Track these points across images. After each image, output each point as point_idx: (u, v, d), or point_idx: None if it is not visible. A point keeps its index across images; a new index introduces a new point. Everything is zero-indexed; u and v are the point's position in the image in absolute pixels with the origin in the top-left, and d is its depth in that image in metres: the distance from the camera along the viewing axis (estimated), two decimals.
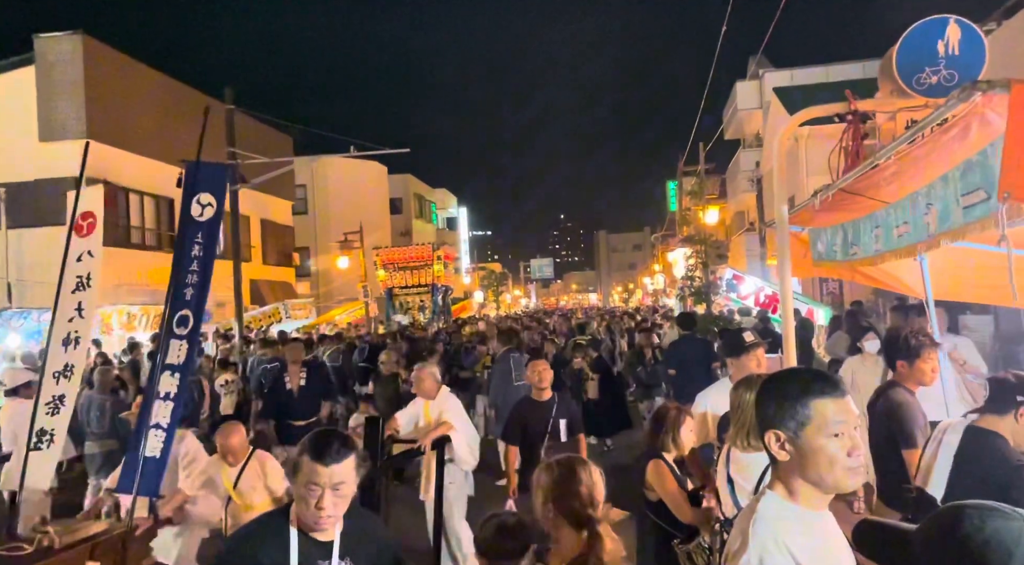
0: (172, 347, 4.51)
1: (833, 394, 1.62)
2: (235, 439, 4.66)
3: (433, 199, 49.22)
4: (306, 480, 2.18)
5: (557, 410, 5.36)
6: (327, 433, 2.34)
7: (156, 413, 4.41)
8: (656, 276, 50.52)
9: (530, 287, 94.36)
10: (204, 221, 4.83)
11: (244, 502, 4.56)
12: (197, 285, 4.64)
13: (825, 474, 1.59)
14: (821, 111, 4.07)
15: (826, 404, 1.61)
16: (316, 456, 2.19)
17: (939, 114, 2.39)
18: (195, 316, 4.58)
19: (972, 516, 1.05)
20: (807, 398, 1.62)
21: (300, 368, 7.89)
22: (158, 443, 4.36)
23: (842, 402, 1.62)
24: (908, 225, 3.09)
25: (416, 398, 5.88)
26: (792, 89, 21.92)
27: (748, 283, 14.95)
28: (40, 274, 16.25)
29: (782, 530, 1.60)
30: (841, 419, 1.60)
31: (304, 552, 2.22)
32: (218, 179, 5.14)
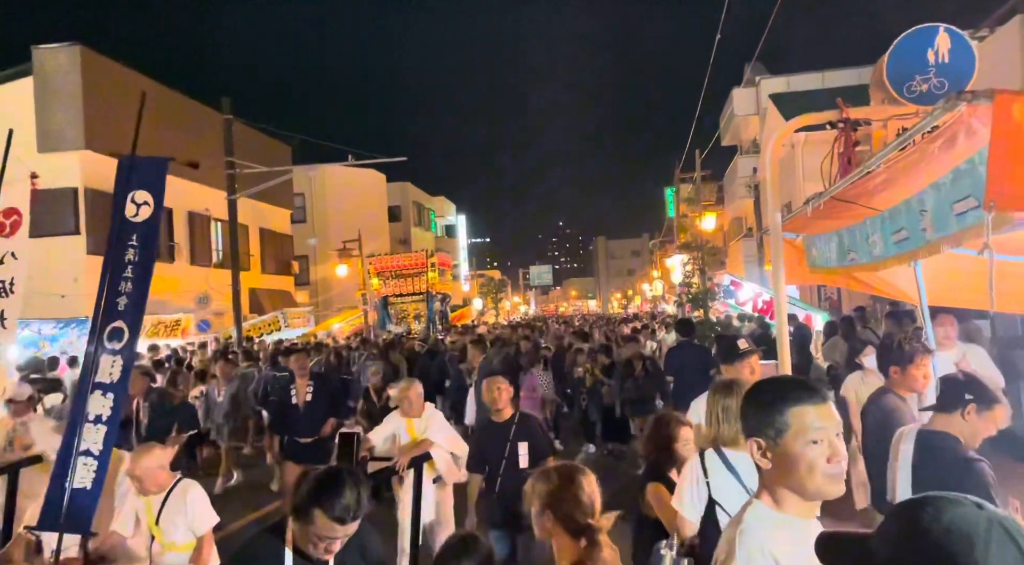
0: (103, 364, 4.00)
1: (811, 401, 1.63)
2: (146, 463, 3.89)
3: (432, 207, 49.30)
4: (319, 533, 2.16)
5: (516, 432, 4.74)
6: (341, 486, 2.20)
7: (86, 438, 3.90)
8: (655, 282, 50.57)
9: (529, 294, 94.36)
10: (140, 222, 4.31)
11: (165, 541, 3.90)
12: (133, 294, 4.13)
13: (805, 481, 1.59)
14: (814, 119, 4.10)
15: (804, 411, 1.61)
16: (335, 517, 2.13)
17: (926, 124, 2.42)
18: (130, 329, 4.08)
19: (927, 508, 1.06)
20: (785, 405, 1.63)
21: (307, 381, 7.43)
22: (88, 473, 3.86)
23: (821, 408, 1.62)
24: (906, 231, 3.11)
25: (393, 414, 5.59)
26: (788, 95, 22.00)
27: (746, 289, 14.99)
28: (39, 284, 16.26)
29: (768, 539, 1.60)
30: (820, 425, 1.60)
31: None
32: (156, 175, 4.63)
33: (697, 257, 19.12)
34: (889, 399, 3.64)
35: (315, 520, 2.14)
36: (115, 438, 4.04)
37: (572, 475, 2.50)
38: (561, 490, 2.45)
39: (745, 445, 1.73)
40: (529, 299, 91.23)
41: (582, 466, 2.61)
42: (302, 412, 7.28)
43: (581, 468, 2.58)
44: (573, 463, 2.68)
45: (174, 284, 20.14)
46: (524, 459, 4.63)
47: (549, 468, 2.61)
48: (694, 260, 19.39)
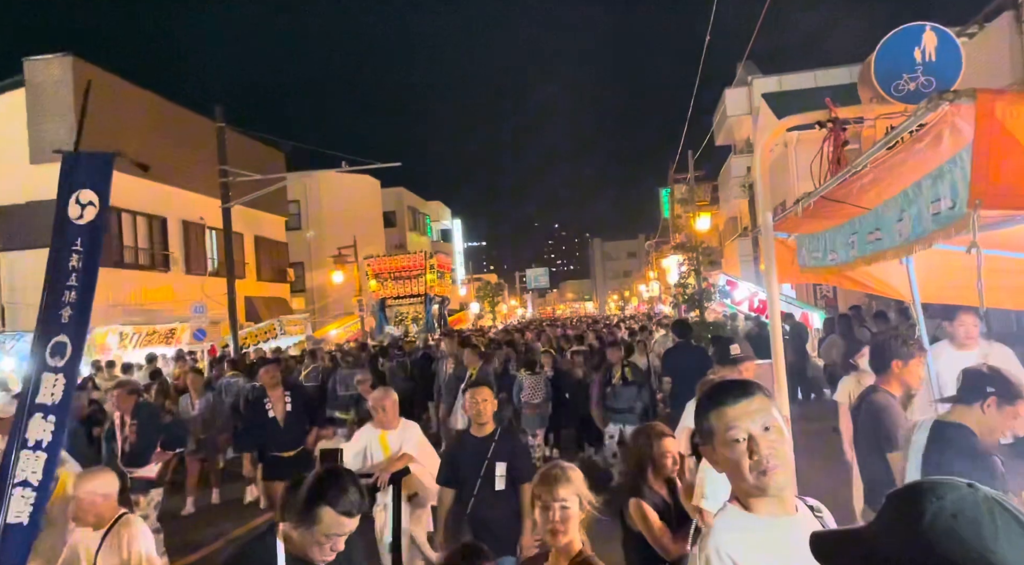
0: (45, 383, 3.56)
1: (729, 400, 1.62)
2: (88, 487, 3.42)
3: (427, 211, 49.31)
4: (328, 531, 2.19)
5: (495, 450, 4.28)
6: (345, 481, 2.28)
7: (23, 467, 3.43)
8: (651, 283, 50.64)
9: (526, 297, 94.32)
10: (84, 224, 3.89)
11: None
12: (77, 305, 3.71)
13: (739, 480, 1.61)
14: (803, 119, 4.11)
15: (722, 412, 1.61)
16: (344, 510, 2.19)
17: (910, 123, 2.43)
18: (74, 344, 3.64)
19: (927, 496, 1.02)
20: (708, 411, 1.65)
21: (284, 392, 6.95)
22: (26, 506, 3.39)
23: (741, 405, 1.61)
24: (880, 231, 3.12)
25: (365, 427, 5.25)
26: (780, 94, 22.03)
27: (742, 289, 15.01)
28: (33, 297, 16.20)
29: (726, 541, 1.60)
30: (735, 424, 1.60)
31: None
32: (101, 173, 4.15)
33: (692, 258, 19.17)
34: (881, 396, 3.63)
35: (322, 518, 2.17)
36: (56, 465, 3.59)
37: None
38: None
39: None
40: (526, 302, 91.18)
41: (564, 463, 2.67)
42: (282, 426, 6.79)
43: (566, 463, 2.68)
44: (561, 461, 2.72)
45: (170, 293, 20.11)
46: (501, 480, 4.21)
47: (547, 466, 2.66)
48: (689, 261, 19.44)
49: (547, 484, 2.57)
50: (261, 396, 7.06)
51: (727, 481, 2.92)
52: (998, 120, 1.90)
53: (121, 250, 19.14)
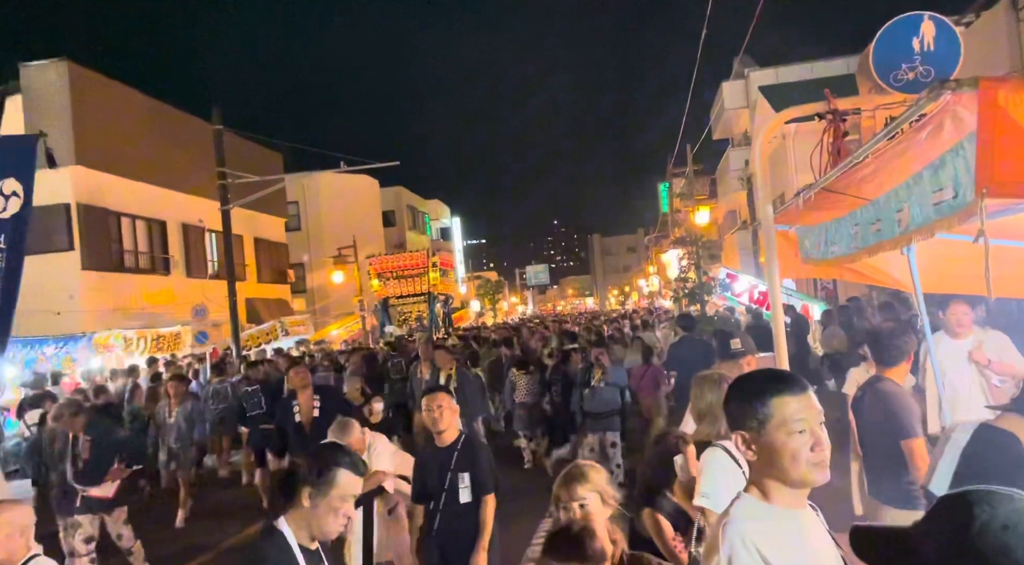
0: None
1: (792, 391, 1.65)
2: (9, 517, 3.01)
3: (426, 210, 49.30)
4: (343, 492, 2.32)
5: (457, 460, 4.06)
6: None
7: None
8: (651, 278, 50.63)
9: (527, 294, 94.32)
10: (8, 218, 3.33)
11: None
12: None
13: (790, 470, 1.61)
14: (801, 111, 4.11)
15: (786, 401, 1.63)
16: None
17: (911, 113, 2.43)
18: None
19: (980, 504, 1.01)
20: (766, 397, 1.65)
21: (311, 395, 6.62)
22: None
23: (803, 398, 1.64)
24: (881, 222, 3.12)
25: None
26: (778, 87, 22.04)
27: (742, 281, 15.00)
28: (32, 302, 16.20)
29: (751, 530, 1.62)
30: (802, 415, 1.62)
31: (309, 562, 2.33)
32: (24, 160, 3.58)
33: (692, 252, 19.16)
34: (888, 384, 3.59)
35: (338, 480, 2.30)
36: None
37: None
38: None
39: None
40: (527, 299, 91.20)
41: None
42: (308, 431, 6.38)
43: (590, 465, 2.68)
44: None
45: (170, 296, 20.10)
46: (466, 492, 3.98)
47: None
48: (689, 255, 19.44)
49: (564, 484, 2.61)
50: (291, 398, 6.80)
51: (726, 479, 2.93)
52: (1001, 108, 1.90)
53: (121, 254, 19.12)
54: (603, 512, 2.56)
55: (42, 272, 16.85)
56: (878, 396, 3.58)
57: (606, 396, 7.99)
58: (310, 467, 2.36)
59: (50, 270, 17.01)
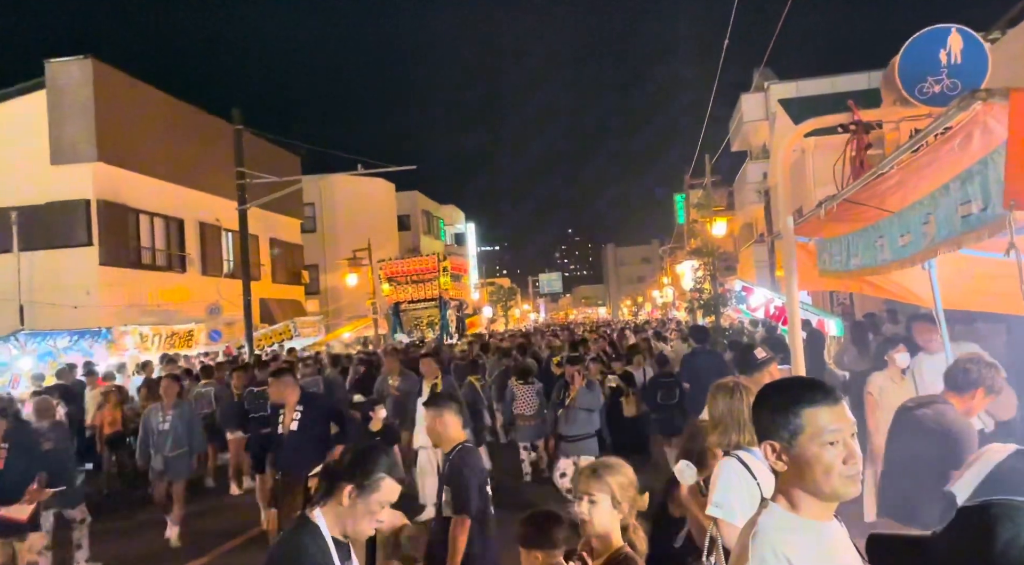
0: None
1: (826, 402, 1.62)
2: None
3: (441, 215, 49.41)
4: (383, 498, 2.37)
5: (444, 474, 3.97)
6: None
7: None
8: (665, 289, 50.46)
9: (539, 302, 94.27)
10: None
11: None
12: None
13: (822, 483, 1.58)
14: (824, 122, 4.07)
15: (819, 413, 1.60)
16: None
17: (940, 123, 2.39)
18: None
19: (1003, 521, 1.00)
20: (799, 407, 1.61)
21: (294, 406, 6.05)
22: None
23: (836, 410, 1.61)
24: (910, 234, 3.07)
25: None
26: (797, 100, 21.92)
27: (758, 295, 14.87)
28: (50, 296, 16.38)
29: (781, 541, 1.59)
30: (835, 427, 1.59)
31: (339, 555, 2.36)
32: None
33: (708, 263, 19.06)
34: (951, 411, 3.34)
35: (383, 487, 2.35)
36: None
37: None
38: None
39: None
40: (539, 307, 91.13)
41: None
42: (284, 444, 5.97)
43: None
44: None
45: (185, 294, 20.24)
46: (447, 507, 3.81)
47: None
48: (705, 266, 19.33)
49: (581, 475, 2.67)
50: (281, 406, 6.29)
51: (740, 489, 2.89)
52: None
53: (138, 251, 19.29)
54: (612, 513, 2.55)
55: (61, 266, 17.07)
56: (943, 421, 3.35)
57: (581, 417, 7.43)
58: (357, 466, 2.39)
59: (68, 264, 17.21)
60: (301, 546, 2.31)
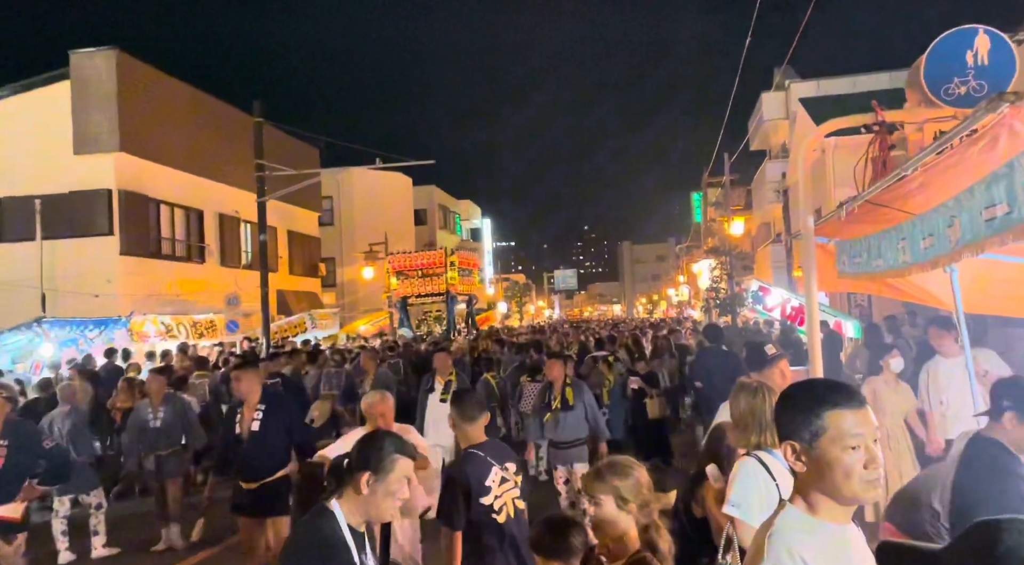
0: None
1: (849, 406, 1.61)
2: None
3: (457, 210, 49.48)
4: (401, 474, 2.42)
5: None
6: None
7: None
8: (681, 287, 50.27)
9: (554, 298, 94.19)
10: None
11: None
12: None
13: (842, 486, 1.58)
14: (847, 122, 4.04)
15: (842, 416, 1.59)
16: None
17: (966, 125, 2.38)
18: None
19: (1011, 530, 1.02)
20: (822, 409, 1.61)
21: (254, 406, 5.37)
22: None
23: (860, 414, 1.60)
24: (933, 237, 3.06)
25: (356, 430, 4.69)
26: (818, 99, 21.75)
27: (774, 295, 14.79)
28: (72, 284, 16.60)
29: (797, 542, 1.59)
30: (858, 431, 1.58)
31: (355, 544, 2.38)
32: None
33: (725, 262, 18.96)
34: (995, 448, 2.91)
35: (396, 466, 2.41)
36: None
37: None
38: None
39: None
40: (553, 303, 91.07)
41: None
42: (245, 447, 5.31)
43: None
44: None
45: (204, 285, 20.43)
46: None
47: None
48: (722, 265, 19.24)
49: (586, 478, 2.64)
50: (237, 405, 5.64)
51: (758, 490, 2.89)
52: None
53: (159, 241, 19.48)
54: (620, 514, 2.52)
55: (82, 255, 17.28)
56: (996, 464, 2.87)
57: (571, 422, 6.67)
58: (368, 454, 2.43)
59: (90, 253, 17.41)
60: (319, 534, 2.34)
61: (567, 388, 6.73)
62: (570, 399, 6.66)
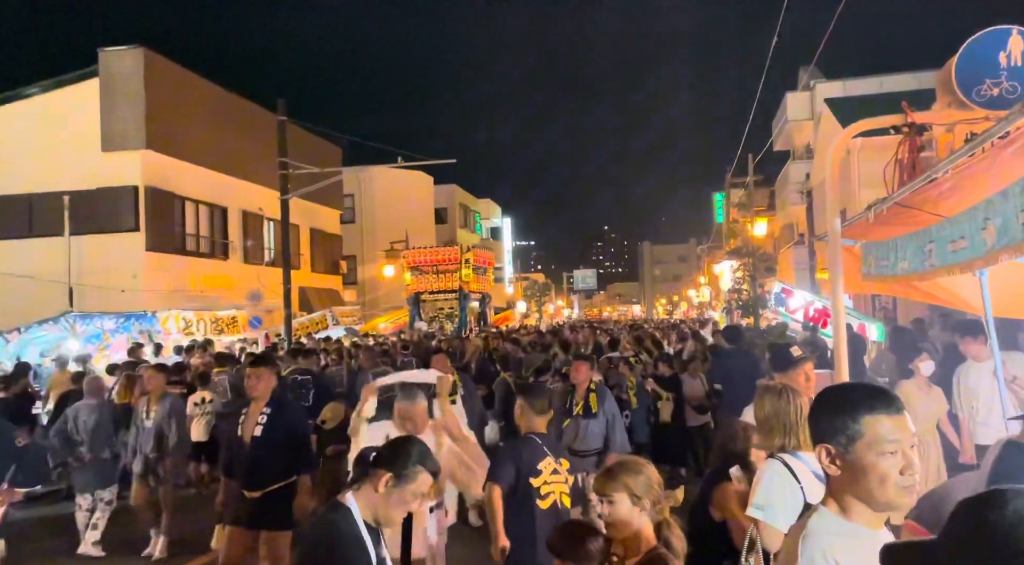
0: None
1: (888, 411, 1.59)
2: None
3: (477, 209, 49.54)
4: (419, 489, 2.44)
5: None
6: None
7: None
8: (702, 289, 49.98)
9: (573, 298, 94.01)
10: None
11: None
12: None
13: (876, 492, 1.57)
14: (876, 123, 3.99)
15: (879, 421, 1.58)
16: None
17: (999, 128, 2.35)
18: None
19: (991, 502, 1.02)
20: (859, 413, 1.59)
21: (262, 407, 4.94)
22: None
23: (898, 419, 1.58)
24: (965, 240, 3.01)
25: (384, 423, 4.61)
26: (844, 100, 21.51)
27: (797, 297, 14.65)
28: (99, 279, 16.86)
29: (831, 546, 1.58)
30: (895, 437, 1.56)
31: (371, 540, 2.41)
32: None
33: (748, 263, 18.82)
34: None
35: (419, 479, 2.42)
36: None
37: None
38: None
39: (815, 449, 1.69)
40: (573, 303, 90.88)
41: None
42: (247, 452, 4.86)
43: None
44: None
45: (227, 281, 20.65)
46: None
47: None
48: (744, 266, 19.09)
49: (597, 478, 2.66)
50: (243, 406, 5.20)
51: (783, 492, 2.87)
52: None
53: (183, 237, 19.72)
54: (635, 512, 2.53)
55: (109, 250, 17.55)
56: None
57: (593, 430, 6.02)
58: (396, 456, 2.43)
59: (116, 249, 17.68)
60: (335, 530, 2.34)
61: (591, 394, 6.16)
62: (593, 406, 6.09)
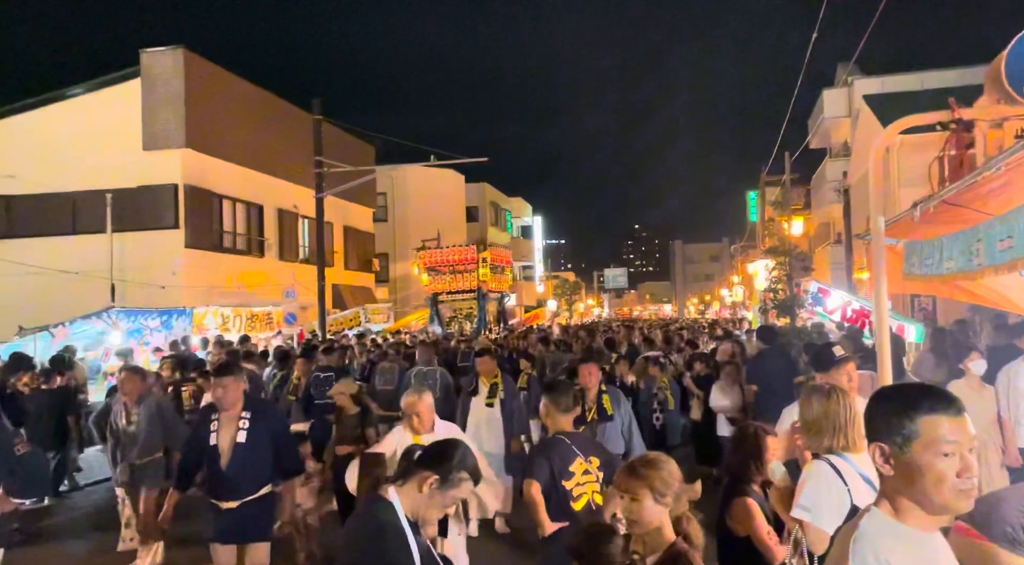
0: None
1: (947, 412, 1.56)
2: None
3: (508, 207, 49.57)
4: (459, 495, 2.49)
5: None
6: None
7: None
8: (735, 288, 49.43)
9: (604, 297, 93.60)
10: None
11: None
12: None
13: (932, 494, 1.54)
14: (923, 119, 3.91)
15: (938, 421, 1.55)
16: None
17: None
18: None
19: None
20: (916, 413, 1.56)
21: (239, 412, 4.63)
22: None
23: (957, 421, 1.55)
24: (1012, 239, 2.95)
25: (396, 429, 4.64)
26: (883, 97, 21.11)
27: (834, 297, 14.43)
28: (140, 275, 17.23)
29: (884, 548, 1.55)
30: (953, 439, 1.53)
31: (411, 530, 2.45)
32: None
33: (784, 262, 18.57)
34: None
35: (461, 486, 2.45)
36: None
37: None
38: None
39: (866, 450, 1.67)
40: (603, 302, 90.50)
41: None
42: (226, 461, 4.53)
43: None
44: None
45: (263, 278, 20.97)
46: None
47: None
48: (780, 266, 18.84)
49: (619, 475, 2.63)
50: (211, 410, 4.82)
51: (829, 493, 2.83)
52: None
53: (220, 235, 20.07)
54: (657, 508, 2.50)
55: (150, 247, 17.93)
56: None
57: (611, 435, 5.68)
58: (444, 459, 2.45)
59: (156, 246, 18.05)
60: (380, 522, 2.37)
61: (603, 396, 5.79)
62: (608, 409, 5.73)
